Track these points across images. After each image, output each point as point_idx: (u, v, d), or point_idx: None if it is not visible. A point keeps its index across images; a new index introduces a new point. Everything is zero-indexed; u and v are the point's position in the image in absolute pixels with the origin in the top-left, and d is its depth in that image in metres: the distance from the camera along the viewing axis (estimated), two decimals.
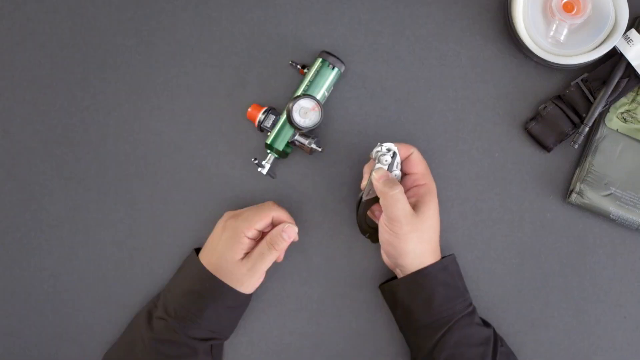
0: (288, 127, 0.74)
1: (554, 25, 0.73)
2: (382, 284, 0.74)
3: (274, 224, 0.73)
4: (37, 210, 0.78)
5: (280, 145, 0.74)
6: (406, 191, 0.71)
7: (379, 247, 0.75)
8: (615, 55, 0.75)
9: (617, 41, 0.73)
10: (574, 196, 0.75)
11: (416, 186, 0.71)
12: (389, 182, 0.69)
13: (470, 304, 0.71)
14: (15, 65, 0.79)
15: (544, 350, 0.76)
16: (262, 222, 0.72)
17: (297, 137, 0.74)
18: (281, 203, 0.75)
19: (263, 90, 0.78)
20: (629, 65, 0.73)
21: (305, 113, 0.72)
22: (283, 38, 0.78)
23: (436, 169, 0.77)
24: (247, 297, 0.73)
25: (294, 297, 0.76)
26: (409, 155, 0.72)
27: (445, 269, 0.70)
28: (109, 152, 0.78)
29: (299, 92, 0.74)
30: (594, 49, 0.74)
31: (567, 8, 0.73)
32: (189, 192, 0.77)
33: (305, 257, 0.77)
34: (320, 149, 0.74)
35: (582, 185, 0.75)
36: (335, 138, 0.77)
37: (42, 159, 0.78)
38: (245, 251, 0.71)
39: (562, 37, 0.73)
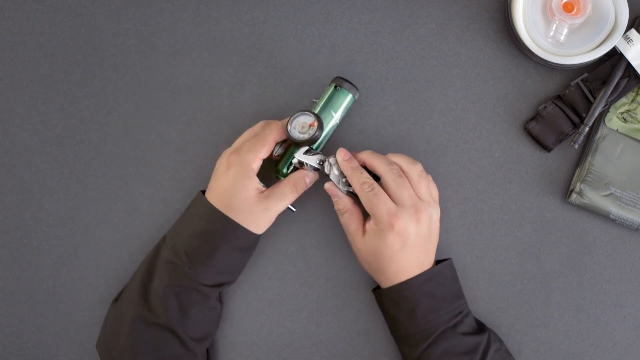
0: (293, 150, 0.72)
1: (554, 25, 0.73)
2: (374, 289, 0.74)
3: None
4: (37, 210, 0.78)
5: (284, 169, 0.73)
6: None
7: None
8: (615, 55, 0.75)
9: (617, 41, 0.73)
10: (574, 196, 0.75)
11: (377, 221, 0.68)
12: (337, 202, 0.71)
13: (460, 312, 0.70)
14: (15, 65, 0.79)
15: (544, 350, 0.76)
16: (265, 150, 0.69)
17: (296, 159, 0.72)
18: None
19: (263, 90, 0.78)
20: (629, 65, 0.73)
21: (302, 128, 0.71)
22: (283, 38, 0.78)
23: (436, 169, 0.77)
24: (257, 238, 0.71)
25: (294, 297, 0.76)
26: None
27: (431, 279, 0.69)
28: (109, 152, 0.78)
29: None
30: (594, 49, 0.74)
31: (567, 8, 0.73)
32: (189, 192, 0.77)
33: (305, 257, 0.77)
34: (294, 210, 0.73)
35: (582, 185, 0.75)
36: (335, 138, 0.77)
37: (42, 159, 0.78)
38: (257, 185, 0.69)
39: (562, 37, 0.73)
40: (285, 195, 0.70)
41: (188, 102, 0.78)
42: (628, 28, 0.75)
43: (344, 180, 0.71)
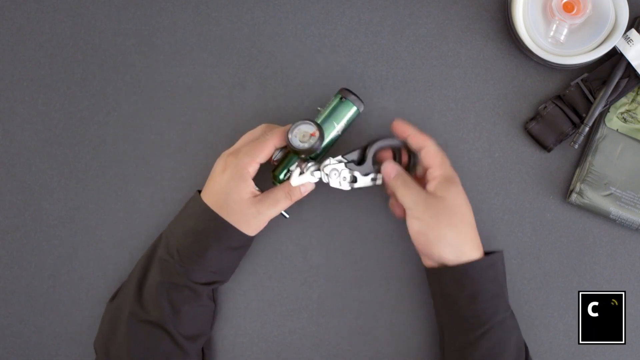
0: (293, 158, 0.72)
1: (554, 25, 0.73)
2: (430, 268, 0.71)
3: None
4: (37, 210, 0.78)
5: (281, 175, 0.73)
6: (426, 185, 0.70)
7: (380, 247, 0.75)
8: (615, 55, 0.75)
9: (617, 41, 0.73)
10: (574, 196, 0.75)
11: (433, 179, 0.69)
12: (399, 174, 0.70)
13: (509, 307, 0.70)
14: (15, 65, 0.79)
15: (544, 350, 0.76)
16: (263, 155, 0.70)
17: (293, 166, 0.72)
18: None
19: (263, 90, 0.78)
20: (629, 65, 0.73)
21: (303, 136, 0.70)
22: (283, 38, 0.78)
23: None
24: (250, 239, 0.71)
25: (294, 297, 0.76)
26: (422, 149, 0.70)
27: (493, 266, 0.68)
28: (109, 152, 0.78)
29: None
30: (594, 49, 0.74)
31: (567, 8, 0.73)
32: (189, 192, 0.77)
33: (305, 257, 0.77)
34: (287, 216, 0.73)
35: (582, 185, 0.75)
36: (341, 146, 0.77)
37: (42, 159, 0.78)
38: (251, 188, 0.69)
39: (562, 37, 0.73)
40: (278, 201, 0.70)
41: (188, 102, 0.78)
42: (628, 28, 0.75)
43: (345, 178, 0.71)
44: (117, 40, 0.79)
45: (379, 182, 0.72)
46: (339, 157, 0.71)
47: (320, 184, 0.73)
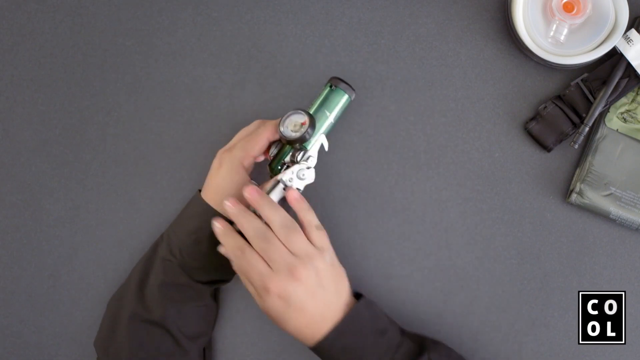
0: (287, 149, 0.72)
1: (554, 25, 0.73)
2: None
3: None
4: (37, 210, 0.78)
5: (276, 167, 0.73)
6: None
7: (380, 247, 0.75)
8: (615, 55, 0.75)
9: (617, 41, 0.73)
10: (574, 196, 0.75)
11: None
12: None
13: (389, 347, 0.66)
14: (15, 65, 0.79)
15: (544, 350, 0.76)
16: (257, 148, 0.70)
17: (288, 157, 0.71)
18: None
19: (263, 90, 0.78)
20: (629, 65, 0.73)
21: (295, 126, 0.70)
22: (283, 38, 0.78)
23: (436, 168, 0.77)
24: None
25: None
26: None
27: (345, 333, 0.65)
28: (109, 152, 0.78)
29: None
30: (594, 49, 0.74)
31: (567, 8, 0.73)
32: (189, 192, 0.77)
33: None
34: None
35: (582, 185, 0.75)
36: (335, 138, 0.77)
37: (42, 159, 0.78)
38: (246, 183, 0.69)
39: (562, 37, 0.73)
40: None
41: (188, 102, 0.78)
42: (628, 28, 0.75)
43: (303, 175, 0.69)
44: (117, 40, 0.79)
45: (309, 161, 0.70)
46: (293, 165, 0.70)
47: (319, 181, 0.73)
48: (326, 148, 0.72)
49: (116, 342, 0.69)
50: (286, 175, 0.69)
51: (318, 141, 0.71)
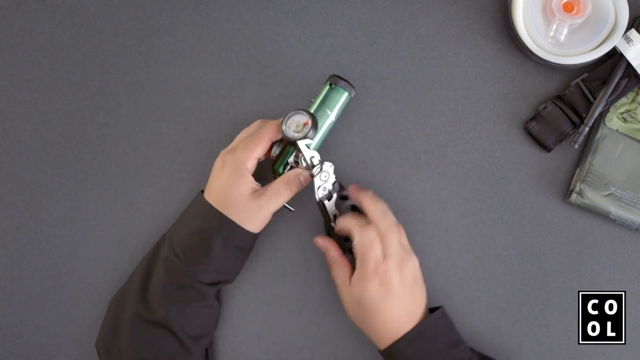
0: (289, 150, 0.72)
1: (554, 25, 0.73)
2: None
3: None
4: (37, 210, 0.78)
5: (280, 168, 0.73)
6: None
7: None
8: (615, 55, 0.75)
9: (617, 41, 0.73)
10: (574, 196, 0.75)
11: (354, 253, 0.68)
12: (327, 254, 0.70)
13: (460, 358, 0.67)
14: (15, 65, 0.79)
15: (544, 350, 0.76)
16: (260, 149, 0.70)
17: (291, 158, 0.72)
18: None
19: (263, 90, 0.78)
20: (629, 65, 0.73)
21: (297, 126, 0.70)
22: (283, 38, 0.78)
23: (436, 168, 0.77)
24: (254, 237, 0.71)
25: (294, 297, 0.76)
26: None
27: (420, 337, 0.66)
28: (109, 152, 0.78)
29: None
30: (594, 49, 0.74)
31: (567, 8, 0.73)
32: (189, 192, 0.77)
33: (305, 257, 0.77)
34: (292, 209, 0.73)
35: (582, 185, 0.75)
36: (335, 138, 0.77)
37: (42, 159, 0.78)
38: (251, 184, 0.69)
39: (562, 37, 0.73)
40: (279, 193, 0.70)
41: (188, 102, 0.78)
42: (628, 28, 0.75)
43: (325, 189, 0.71)
44: (117, 40, 0.79)
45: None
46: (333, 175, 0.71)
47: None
48: (292, 209, 0.73)
49: (119, 342, 0.69)
50: (320, 193, 0.71)
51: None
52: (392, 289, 0.66)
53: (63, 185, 0.78)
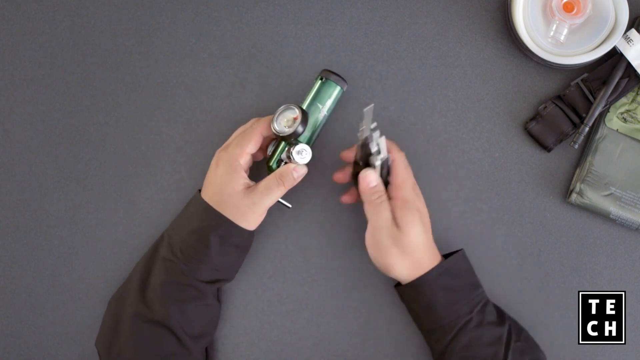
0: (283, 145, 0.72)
1: (554, 25, 0.73)
2: (396, 285, 0.73)
3: (262, 143, 0.72)
4: (37, 210, 0.78)
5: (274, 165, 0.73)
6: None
7: None
8: (615, 55, 0.75)
9: (617, 41, 0.73)
10: (574, 196, 0.75)
11: (393, 199, 0.70)
12: (377, 191, 0.69)
13: (479, 302, 0.70)
14: (15, 65, 0.79)
15: (544, 350, 0.76)
16: (251, 145, 0.70)
17: (284, 154, 0.72)
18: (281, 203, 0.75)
19: (263, 90, 0.78)
20: (629, 65, 0.73)
21: (287, 122, 0.70)
22: (283, 38, 0.78)
23: (436, 168, 0.77)
24: (251, 235, 0.72)
25: (294, 297, 0.76)
26: (392, 161, 0.70)
27: (446, 272, 0.69)
28: (109, 152, 0.78)
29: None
30: (594, 49, 0.74)
31: (567, 8, 0.73)
32: (189, 192, 0.77)
33: (305, 257, 0.77)
34: (289, 206, 0.73)
35: (582, 185, 0.75)
36: (335, 137, 0.77)
37: (42, 159, 0.78)
38: (244, 180, 0.70)
39: (562, 37, 0.73)
40: (271, 189, 0.70)
41: (188, 102, 0.78)
42: (628, 28, 0.75)
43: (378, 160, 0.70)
44: (117, 40, 0.79)
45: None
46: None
47: (319, 181, 0.73)
48: (289, 205, 0.73)
49: (119, 342, 0.69)
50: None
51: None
52: (421, 227, 0.69)
53: (63, 185, 0.78)
